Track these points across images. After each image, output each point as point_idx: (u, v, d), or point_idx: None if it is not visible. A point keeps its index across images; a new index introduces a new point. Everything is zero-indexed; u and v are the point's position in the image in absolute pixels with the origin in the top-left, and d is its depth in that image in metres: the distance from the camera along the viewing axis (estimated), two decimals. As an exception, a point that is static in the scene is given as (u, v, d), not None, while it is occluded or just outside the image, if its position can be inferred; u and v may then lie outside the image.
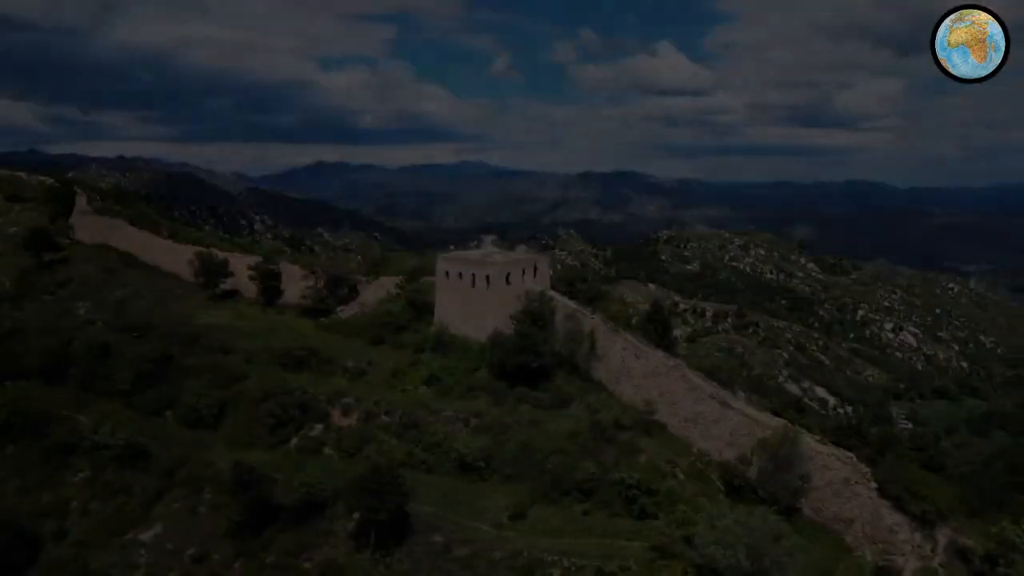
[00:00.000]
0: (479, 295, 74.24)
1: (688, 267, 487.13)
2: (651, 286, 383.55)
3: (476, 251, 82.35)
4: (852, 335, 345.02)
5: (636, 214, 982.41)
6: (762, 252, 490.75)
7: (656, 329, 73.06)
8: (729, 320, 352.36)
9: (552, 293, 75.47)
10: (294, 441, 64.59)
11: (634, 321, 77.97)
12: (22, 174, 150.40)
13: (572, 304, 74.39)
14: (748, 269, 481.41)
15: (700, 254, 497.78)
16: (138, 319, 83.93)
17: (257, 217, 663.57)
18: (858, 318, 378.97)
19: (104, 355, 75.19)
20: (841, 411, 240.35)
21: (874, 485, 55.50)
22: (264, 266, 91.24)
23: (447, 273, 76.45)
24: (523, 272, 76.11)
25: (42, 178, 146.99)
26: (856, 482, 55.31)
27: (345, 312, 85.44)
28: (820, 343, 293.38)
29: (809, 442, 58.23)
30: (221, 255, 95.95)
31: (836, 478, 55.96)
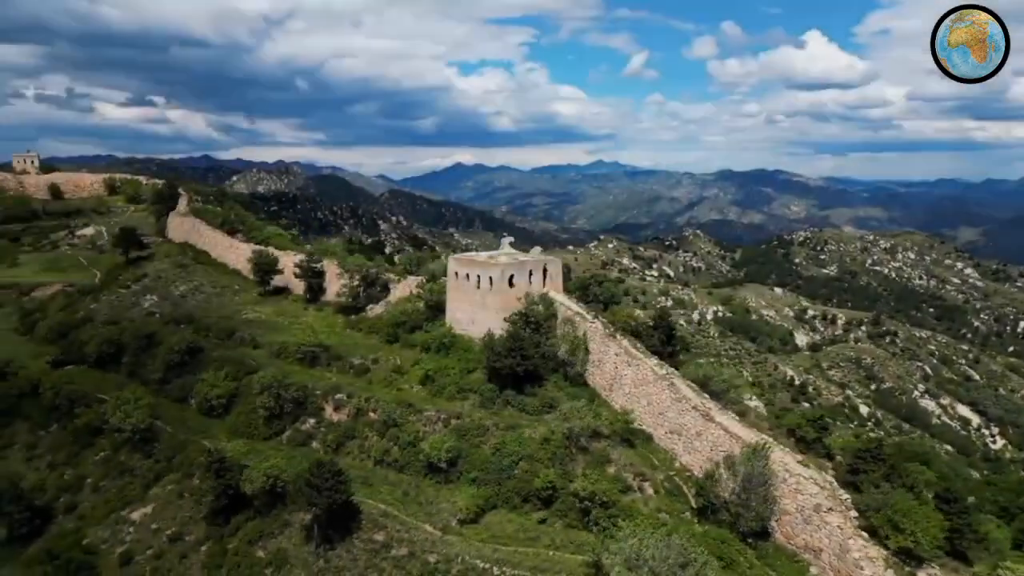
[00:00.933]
0: (482, 296, 74.20)
1: (824, 271, 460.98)
2: (777, 290, 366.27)
3: (484, 252, 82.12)
4: (1011, 348, 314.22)
5: (777, 214, 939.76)
6: (911, 256, 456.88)
7: (660, 336, 70.00)
8: (863, 328, 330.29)
9: (556, 296, 74.11)
10: (287, 433, 67.43)
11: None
12: (142, 178, 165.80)
13: (575, 307, 72.72)
14: (893, 274, 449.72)
15: (838, 257, 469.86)
16: (190, 312, 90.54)
17: (393, 217, 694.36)
18: (1020, 330, 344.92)
19: (149, 345, 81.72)
20: (986, 432, 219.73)
21: (854, 514, 50.65)
22: (307, 264, 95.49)
23: (456, 274, 76.96)
24: (529, 274, 75.16)
25: (155, 181, 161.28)
26: (830, 509, 50.57)
27: (373, 311, 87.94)
28: (970, 356, 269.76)
29: (787, 462, 53.89)
30: (276, 254, 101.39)
31: (808, 503, 51.46)
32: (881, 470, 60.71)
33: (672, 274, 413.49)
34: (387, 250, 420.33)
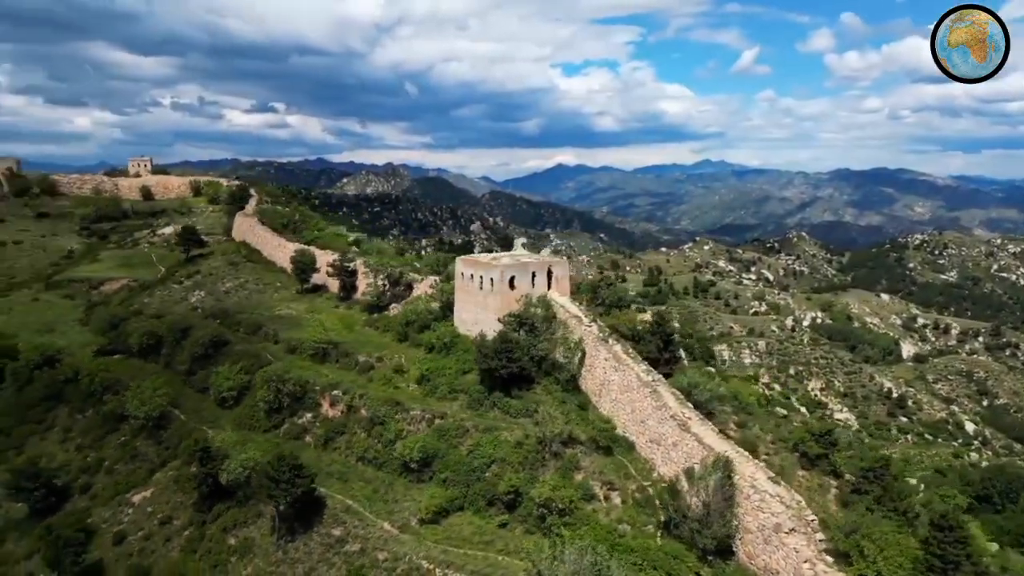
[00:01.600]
0: (484, 297, 74.10)
1: (943, 277, 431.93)
2: (884, 296, 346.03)
3: (489, 253, 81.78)
4: None
5: (899, 216, 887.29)
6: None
7: (657, 342, 67.73)
8: (980, 339, 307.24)
9: (556, 298, 73.01)
10: (284, 427, 69.72)
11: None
12: (222, 180, 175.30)
13: (573, 310, 71.44)
14: (1022, 281, 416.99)
15: (959, 262, 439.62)
16: (226, 308, 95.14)
17: (490, 218, 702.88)
18: None
19: (183, 337, 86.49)
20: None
21: (820, 537, 47.32)
22: (340, 264, 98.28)
23: (462, 275, 77.22)
24: (532, 276, 74.42)
25: (233, 182, 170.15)
26: (792, 530, 47.42)
27: (393, 309, 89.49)
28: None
29: (756, 478, 50.96)
30: (316, 253, 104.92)
31: (769, 523, 48.46)
32: (875, 491, 56.66)
33: (771, 278, 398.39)
34: (476, 250, 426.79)
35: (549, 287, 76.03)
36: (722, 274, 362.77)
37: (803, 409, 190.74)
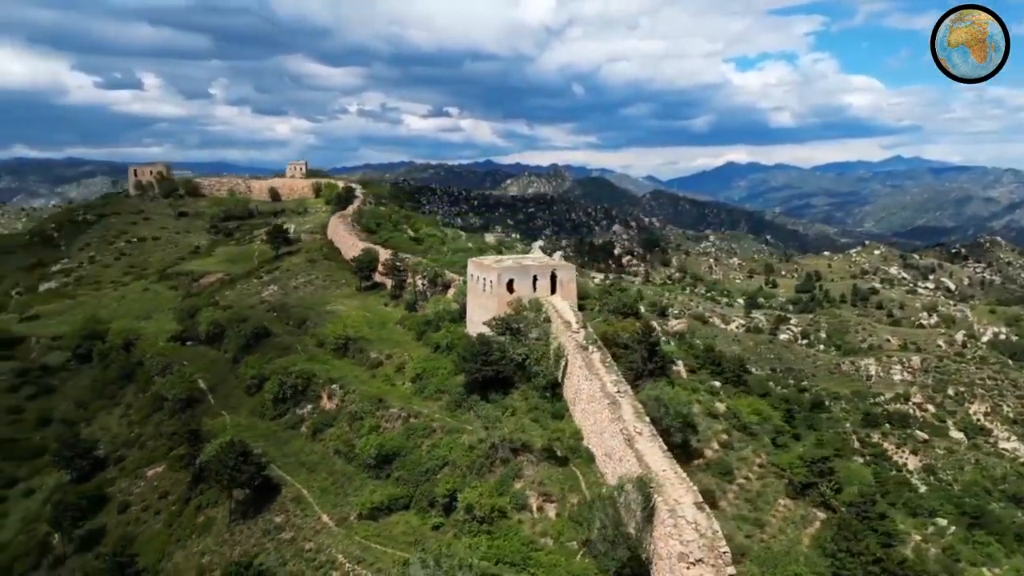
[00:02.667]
0: (485, 299, 73.85)
1: None
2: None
3: (497, 255, 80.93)
4: None
5: None
6: None
7: (642, 352, 64.18)
8: None
9: (551, 302, 71.18)
10: (286, 416, 73.47)
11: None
12: (338, 181, 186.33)
13: (567, 316, 69.33)
14: None
15: None
16: (285, 302, 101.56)
17: (645, 219, 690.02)
18: None
19: (239, 327, 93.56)
20: None
21: (730, 572, 43.01)
22: (392, 263, 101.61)
23: (472, 276, 77.35)
24: (534, 279, 73.06)
25: (351, 184, 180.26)
26: (699, 561, 43.37)
27: (424, 308, 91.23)
28: None
29: (682, 503, 47.10)
30: (380, 253, 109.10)
31: (675, 550, 44.60)
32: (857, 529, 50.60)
33: (953, 287, 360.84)
34: (616, 251, 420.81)
35: (553, 291, 74.37)
36: (892, 282, 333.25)
37: (959, 434, 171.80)
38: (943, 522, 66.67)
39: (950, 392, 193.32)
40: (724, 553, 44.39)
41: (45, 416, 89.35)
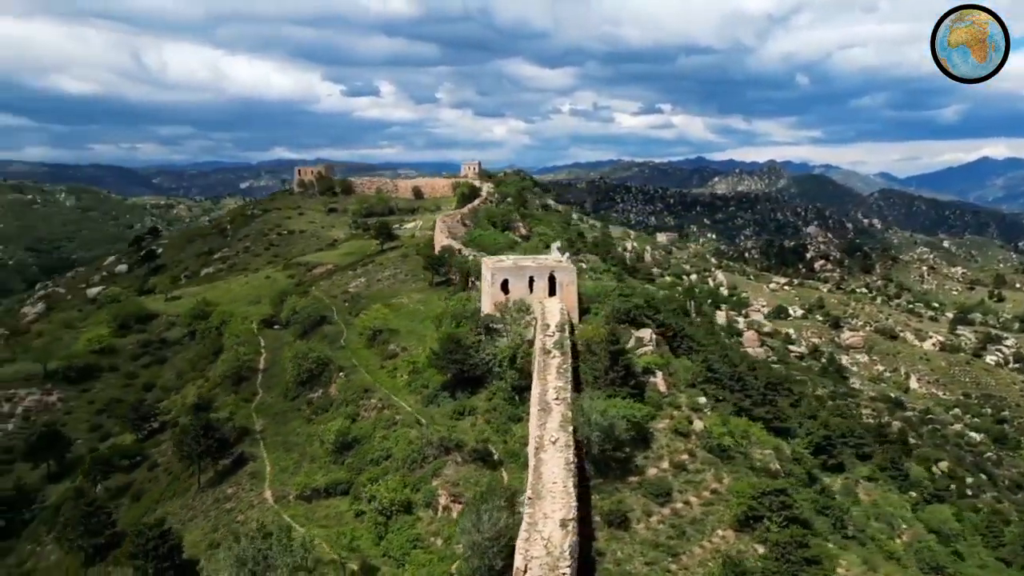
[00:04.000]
0: (485, 299, 74.27)
1: None
2: None
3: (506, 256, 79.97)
4: None
5: None
6: None
7: (603, 360, 61.18)
8: None
9: (547, 304, 69.89)
10: (299, 398, 78.76)
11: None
12: (476, 181, 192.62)
13: (553, 318, 67.71)
14: None
15: None
16: (360, 293, 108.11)
17: (865, 220, 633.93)
18: None
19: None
20: None
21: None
22: (450, 259, 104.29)
23: (482, 276, 77.91)
24: (530, 280, 72.12)
25: (487, 184, 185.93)
26: (533, 580, 41.30)
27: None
28: None
29: (548, 516, 44.98)
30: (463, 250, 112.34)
31: (522, 565, 42.65)
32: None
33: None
34: (808, 255, 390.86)
35: (552, 293, 72.90)
36: None
37: None
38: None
39: None
40: (563, 573, 42.09)
41: (150, 383, 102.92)
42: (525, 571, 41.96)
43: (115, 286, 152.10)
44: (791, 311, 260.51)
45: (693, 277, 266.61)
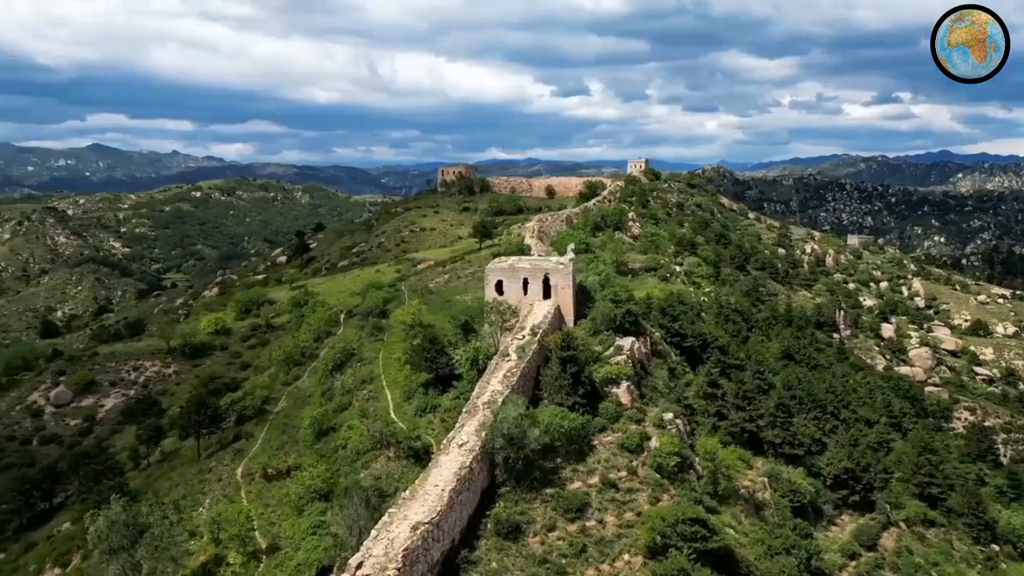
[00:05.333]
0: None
1: None
2: None
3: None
4: None
5: None
6: None
7: (554, 367, 59.05)
8: None
9: (536, 307, 68.79)
10: (328, 382, 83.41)
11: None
12: (607, 180, 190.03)
13: (533, 321, 66.52)
14: None
15: None
16: (431, 288, 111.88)
17: None
18: None
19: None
20: None
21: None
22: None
23: (494, 277, 77.76)
24: (524, 282, 71.06)
25: (619, 182, 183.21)
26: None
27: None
28: None
29: (404, 518, 44.97)
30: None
31: (354, 563, 42.90)
32: None
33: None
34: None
35: (547, 296, 71.33)
36: None
37: None
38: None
39: None
40: (386, 576, 41.99)
41: (248, 363, 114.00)
42: (357, 567, 42.50)
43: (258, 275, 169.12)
44: (999, 328, 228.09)
45: (883, 285, 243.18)
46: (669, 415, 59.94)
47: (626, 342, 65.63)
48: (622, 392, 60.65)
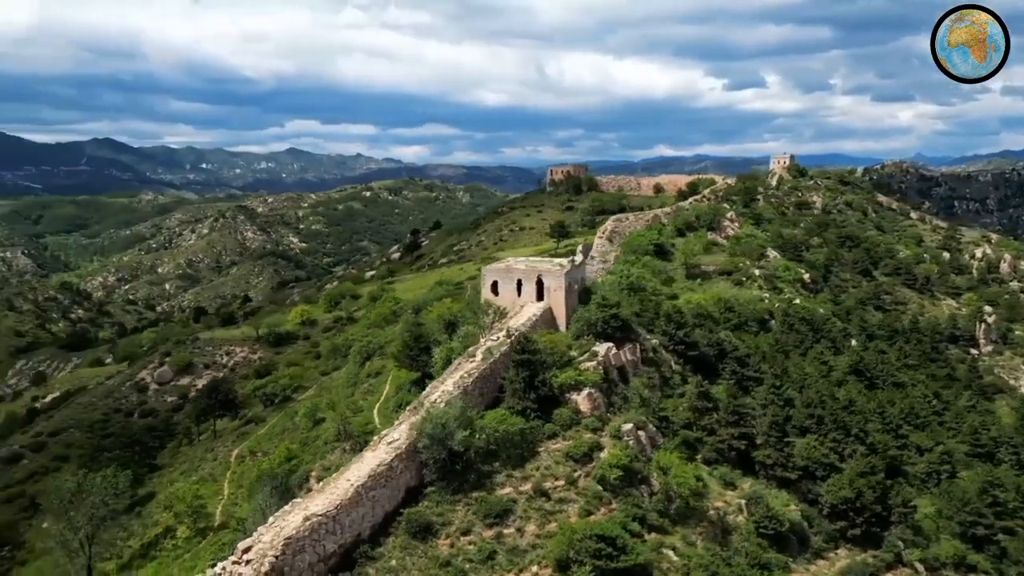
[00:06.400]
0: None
1: None
2: None
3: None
4: None
5: None
6: None
7: (515, 370, 58.12)
8: None
9: (526, 309, 68.08)
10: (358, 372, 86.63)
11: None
12: (716, 177, 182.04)
13: (512, 323, 65.82)
14: None
15: None
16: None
17: None
18: None
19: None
20: None
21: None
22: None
23: (504, 278, 77.50)
24: (518, 284, 70.34)
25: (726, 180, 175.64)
26: (247, 561, 43.30)
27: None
28: None
29: (304, 508, 46.51)
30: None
31: (242, 546, 44.76)
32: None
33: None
34: None
35: (540, 297, 70.18)
36: None
37: None
38: None
39: None
40: (266, 562, 43.53)
41: (318, 353, 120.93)
42: (245, 551, 44.73)
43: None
44: None
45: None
46: (628, 426, 57.11)
47: (602, 348, 63.21)
48: (582, 399, 58.59)
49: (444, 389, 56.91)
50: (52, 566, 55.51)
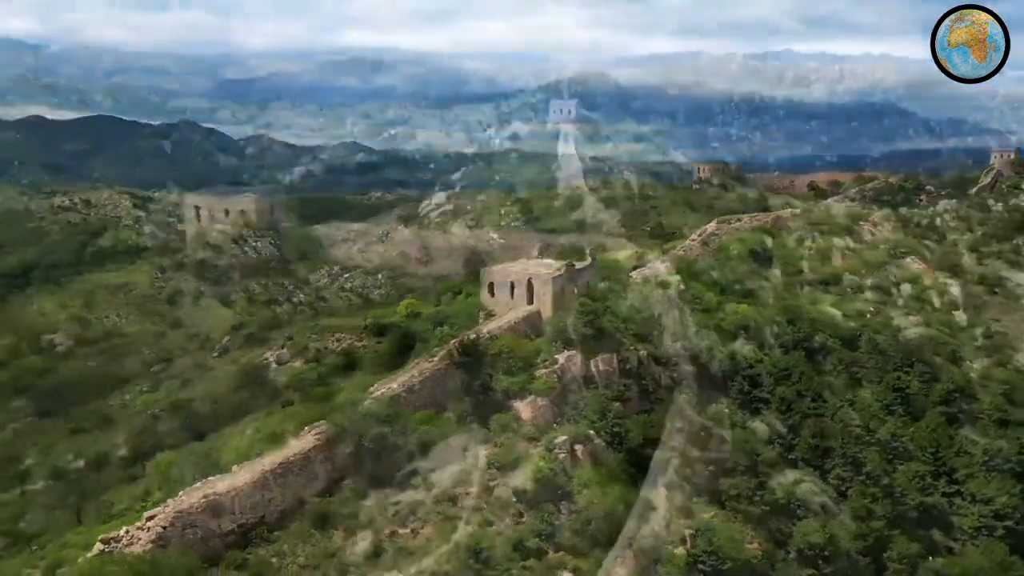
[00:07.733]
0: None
1: None
2: None
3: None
4: None
5: None
6: None
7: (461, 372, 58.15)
8: None
9: (517, 311, 67.85)
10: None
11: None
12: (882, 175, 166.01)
13: (490, 325, 65.78)
14: None
15: None
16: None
17: None
18: None
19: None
20: None
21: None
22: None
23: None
24: (511, 286, 69.78)
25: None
26: (149, 528, 47.76)
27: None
28: None
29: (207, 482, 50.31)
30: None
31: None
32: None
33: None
34: None
35: (531, 301, 69.13)
36: None
37: None
38: None
39: None
40: (154, 532, 47.53)
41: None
42: (149, 519, 49.37)
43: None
44: None
45: None
46: (563, 438, 54.62)
47: (562, 356, 60.87)
48: (524, 406, 57.14)
49: (389, 387, 58.04)
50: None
